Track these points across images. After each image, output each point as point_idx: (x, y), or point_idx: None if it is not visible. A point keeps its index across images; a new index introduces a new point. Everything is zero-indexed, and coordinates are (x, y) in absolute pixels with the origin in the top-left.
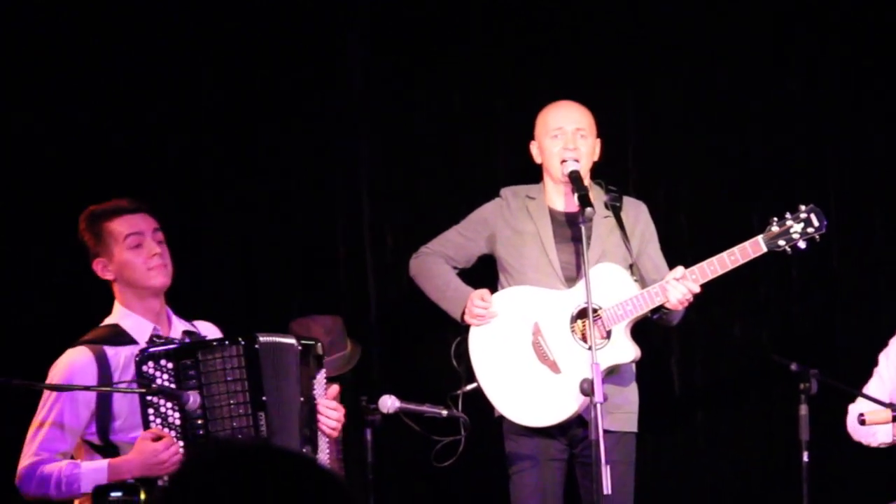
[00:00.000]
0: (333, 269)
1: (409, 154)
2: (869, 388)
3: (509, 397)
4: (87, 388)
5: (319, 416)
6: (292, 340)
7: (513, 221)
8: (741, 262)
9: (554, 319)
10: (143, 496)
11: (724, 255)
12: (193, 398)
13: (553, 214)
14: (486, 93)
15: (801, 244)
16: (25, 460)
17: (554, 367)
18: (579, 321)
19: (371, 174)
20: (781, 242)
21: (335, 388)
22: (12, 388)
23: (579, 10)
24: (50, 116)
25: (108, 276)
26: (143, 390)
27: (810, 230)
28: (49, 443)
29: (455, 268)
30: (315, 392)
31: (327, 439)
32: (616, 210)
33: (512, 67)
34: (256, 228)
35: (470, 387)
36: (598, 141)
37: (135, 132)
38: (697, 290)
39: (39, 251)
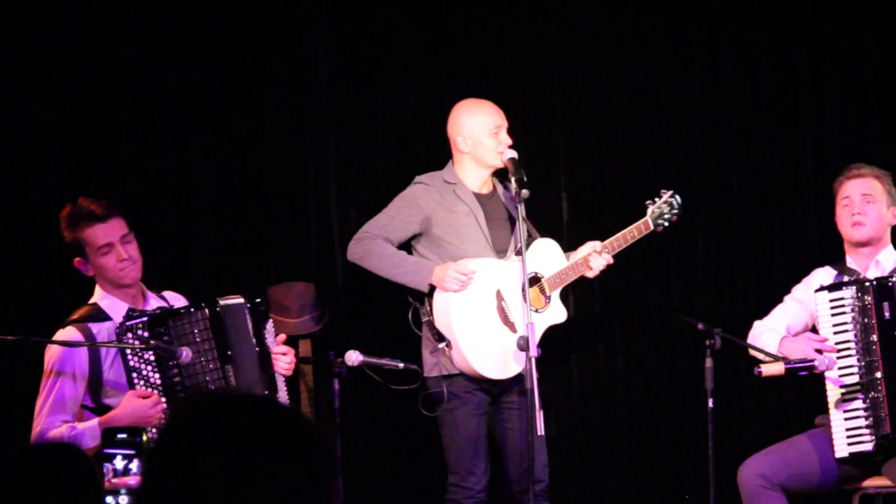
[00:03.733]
0: (305, 242)
1: (370, 142)
2: (774, 313)
3: (482, 354)
4: (93, 344)
5: (274, 361)
6: (241, 300)
7: (445, 203)
8: (637, 238)
9: (511, 287)
10: (144, 437)
11: (625, 232)
12: (186, 353)
13: (477, 196)
14: (435, 89)
15: (668, 224)
16: (36, 429)
17: (513, 328)
18: (529, 289)
19: (337, 159)
20: (660, 222)
21: (283, 336)
22: (31, 345)
23: (513, 21)
24: (49, 106)
25: (89, 273)
26: (143, 346)
27: (675, 212)
28: (53, 414)
29: None
30: (267, 341)
31: (283, 378)
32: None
33: (458, 69)
34: (239, 208)
35: (442, 344)
36: None
37: (131, 121)
38: (612, 261)
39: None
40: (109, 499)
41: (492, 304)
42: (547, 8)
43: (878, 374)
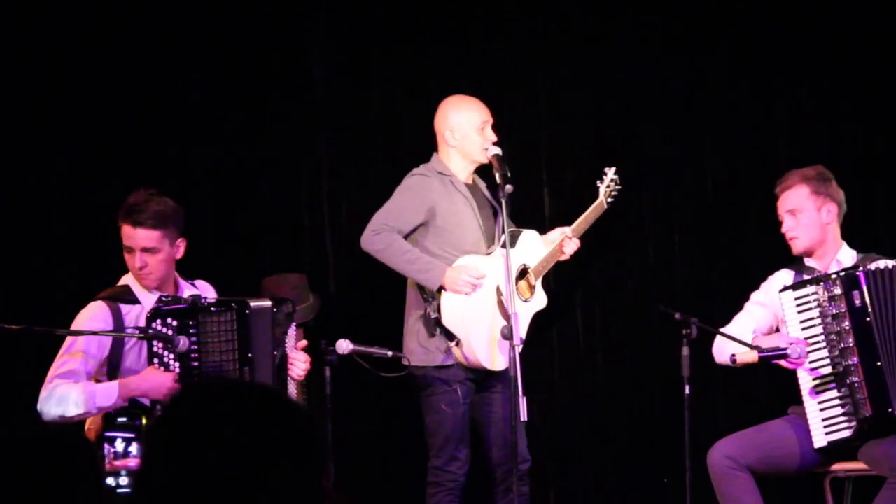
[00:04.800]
0: (299, 235)
1: (361, 140)
2: (737, 320)
3: (488, 349)
4: (95, 333)
5: (290, 365)
6: (268, 303)
7: (445, 194)
8: (596, 218)
9: (504, 282)
10: (143, 420)
11: (587, 215)
12: (183, 342)
13: (469, 189)
14: (424, 89)
15: (612, 200)
16: (47, 385)
17: (510, 321)
18: (520, 282)
19: (329, 157)
20: (609, 200)
21: (304, 342)
22: (34, 335)
23: (500, 23)
24: (54, 104)
25: None
26: (142, 335)
27: (618, 187)
28: (68, 374)
29: None
30: (287, 344)
31: (295, 383)
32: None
33: (447, 69)
34: (238, 203)
35: (452, 343)
36: None
37: (133, 119)
38: (580, 244)
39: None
40: (110, 480)
41: (493, 300)
42: (533, 10)
43: (854, 360)
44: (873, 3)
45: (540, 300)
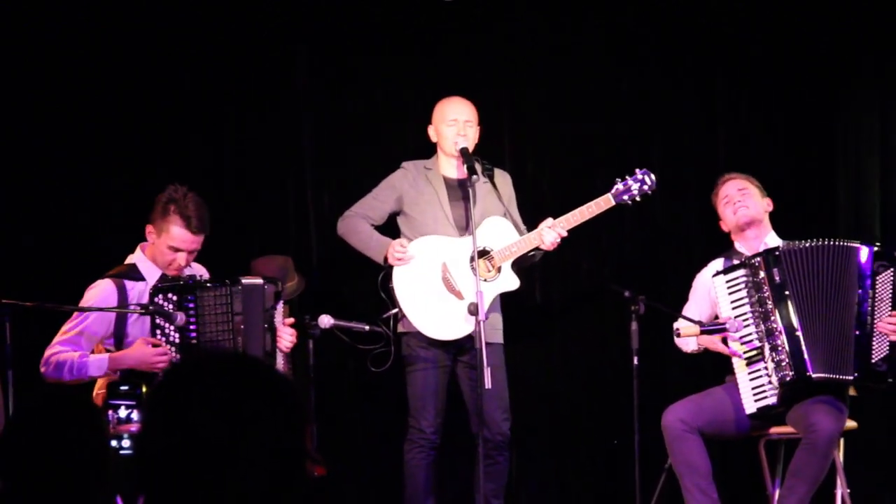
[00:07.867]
0: (285, 221)
1: (342, 133)
2: (687, 310)
3: (427, 319)
4: (100, 310)
5: (278, 338)
6: (260, 281)
7: (416, 185)
8: (596, 213)
9: (458, 260)
10: (144, 389)
11: (584, 207)
12: (181, 317)
13: (446, 180)
14: (399, 89)
15: (639, 198)
16: (49, 350)
17: (459, 296)
18: (477, 261)
19: (313, 149)
20: (625, 197)
21: (291, 319)
22: (45, 311)
23: (467, 28)
24: (62, 102)
25: (150, 239)
26: (141, 310)
27: (645, 187)
28: (70, 343)
29: (372, 224)
30: (276, 320)
31: (282, 354)
32: (491, 178)
33: (420, 70)
34: (229, 191)
35: (393, 311)
36: (479, 128)
37: (136, 120)
38: (565, 234)
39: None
40: (114, 442)
41: (436, 275)
42: (499, 18)
43: (778, 328)
44: (807, 11)
45: (506, 283)
